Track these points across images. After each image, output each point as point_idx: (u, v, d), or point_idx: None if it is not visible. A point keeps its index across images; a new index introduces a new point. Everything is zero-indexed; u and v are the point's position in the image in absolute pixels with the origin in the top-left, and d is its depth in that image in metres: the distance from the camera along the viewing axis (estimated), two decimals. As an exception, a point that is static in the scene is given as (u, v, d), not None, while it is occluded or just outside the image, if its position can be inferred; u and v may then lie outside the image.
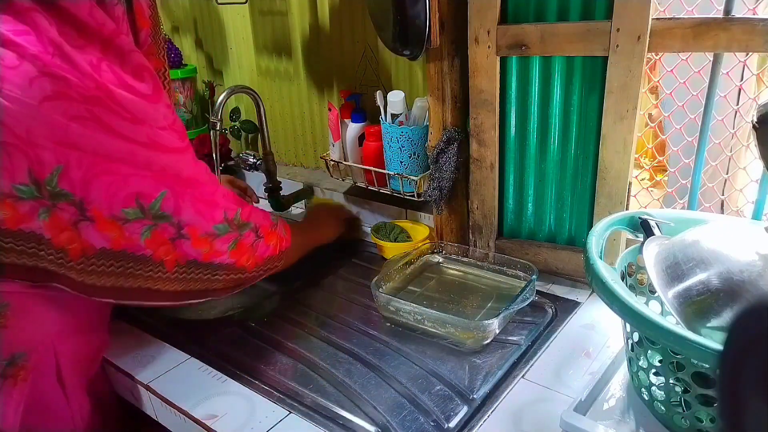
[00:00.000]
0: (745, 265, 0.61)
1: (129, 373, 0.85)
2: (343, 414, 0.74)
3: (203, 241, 0.77)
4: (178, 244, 0.74)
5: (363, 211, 1.32)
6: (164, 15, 1.60)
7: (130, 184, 0.69)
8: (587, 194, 0.96)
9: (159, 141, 0.70)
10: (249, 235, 0.82)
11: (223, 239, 0.78)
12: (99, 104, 0.65)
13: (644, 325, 0.58)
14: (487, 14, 0.91)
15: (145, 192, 0.70)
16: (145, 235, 0.71)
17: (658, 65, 0.99)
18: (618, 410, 0.72)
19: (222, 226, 0.78)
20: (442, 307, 0.96)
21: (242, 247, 0.81)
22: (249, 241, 0.82)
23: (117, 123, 0.67)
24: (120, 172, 0.68)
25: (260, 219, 0.85)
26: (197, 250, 0.76)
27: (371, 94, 1.20)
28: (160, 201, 0.71)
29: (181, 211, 0.73)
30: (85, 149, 0.65)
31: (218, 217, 0.77)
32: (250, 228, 0.82)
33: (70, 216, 0.67)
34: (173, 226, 0.73)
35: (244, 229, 0.81)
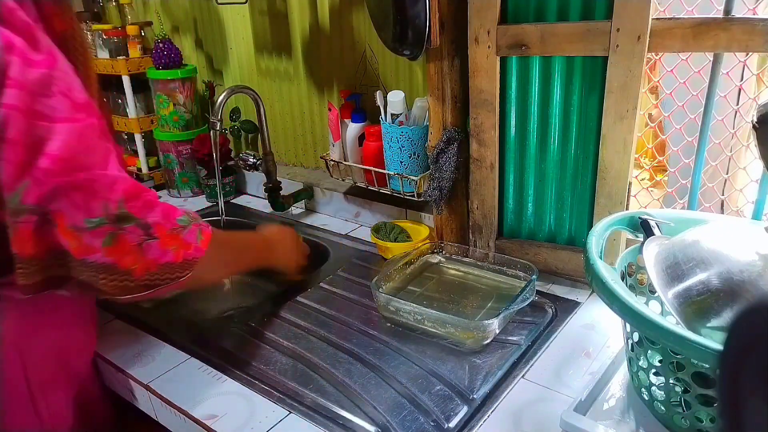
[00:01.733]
0: (745, 265, 0.61)
1: (129, 373, 0.85)
2: (343, 414, 0.74)
3: (72, 234, 0.65)
4: (45, 230, 0.65)
5: (363, 211, 1.32)
6: (164, 15, 1.60)
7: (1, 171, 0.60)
8: (587, 194, 0.96)
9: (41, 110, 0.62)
10: (134, 231, 0.68)
11: (95, 233, 0.66)
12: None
13: (644, 325, 0.58)
14: (487, 14, 0.91)
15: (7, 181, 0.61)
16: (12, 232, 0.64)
17: (658, 65, 0.99)
18: (618, 410, 0.72)
19: (97, 220, 0.66)
20: (442, 307, 0.96)
21: (123, 244, 0.68)
22: (133, 239, 0.68)
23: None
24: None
25: (158, 217, 0.70)
26: (67, 242, 0.66)
27: (371, 94, 1.20)
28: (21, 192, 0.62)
29: (47, 201, 0.63)
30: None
31: (97, 209, 0.66)
32: (137, 224, 0.68)
33: None
34: (36, 215, 0.64)
35: (127, 223, 0.68)
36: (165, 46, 1.44)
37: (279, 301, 1.02)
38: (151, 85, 1.49)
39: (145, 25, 1.55)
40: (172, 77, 1.45)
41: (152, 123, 1.58)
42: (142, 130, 1.57)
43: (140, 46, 1.51)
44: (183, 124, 1.50)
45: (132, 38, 1.50)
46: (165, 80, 1.45)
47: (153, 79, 1.47)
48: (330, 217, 1.38)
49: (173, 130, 1.51)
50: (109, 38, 1.51)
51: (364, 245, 1.22)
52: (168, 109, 1.48)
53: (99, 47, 1.53)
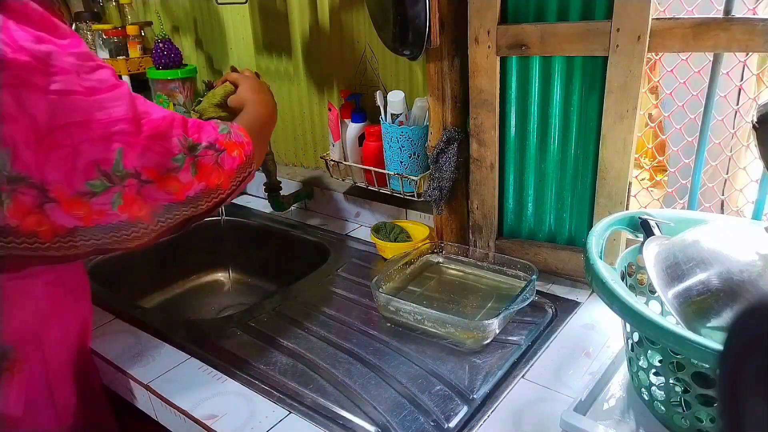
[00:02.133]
0: (745, 265, 0.61)
1: (129, 373, 0.85)
2: (343, 414, 0.74)
3: (168, 180, 0.71)
4: (145, 193, 0.69)
5: (363, 211, 1.32)
6: (164, 15, 1.60)
7: (84, 154, 0.64)
8: (587, 194, 0.96)
9: (93, 85, 0.65)
10: (207, 154, 0.75)
11: (184, 169, 0.72)
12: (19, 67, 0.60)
13: (644, 325, 0.58)
14: (487, 14, 0.91)
15: (102, 157, 0.65)
16: (117, 203, 0.67)
17: (658, 65, 0.99)
18: (618, 410, 0.72)
19: (180, 156, 0.72)
20: (442, 307, 0.96)
21: (205, 168, 0.75)
22: (210, 160, 0.75)
23: (45, 81, 0.61)
24: (65, 143, 0.63)
25: (212, 133, 0.77)
26: (167, 190, 0.71)
27: (371, 94, 1.20)
28: (120, 160, 0.66)
29: (140, 160, 0.68)
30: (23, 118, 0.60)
31: (174, 148, 0.71)
32: (204, 147, 0.75)
33: (33, 199, 0.63)
34: (136, 178, 0.68)
35: (197, 149, 0.74)
36: (165, 46, 1.44)
37: (279, 301, 1.02)
38: (151, 85, 1.49)
39: (145, 25, 1.55)
40: (172, 77, 1.45)
41: (152, 123, 1.57)
42: (142, 130, 1.57)
43: (140, 46, 1.51)
44: (183, 124, 1.50)
45: (132, 38, 1.49)
46: (165, 80, 1.45)
47: (153, 79, 1.47)
48: (330, 217, 1.38)
49: (173, 130, 1.50)
50: (109, 38, 1.51)
51: (364, 245, 1.22)
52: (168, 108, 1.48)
53: (99, 47, 1.53)
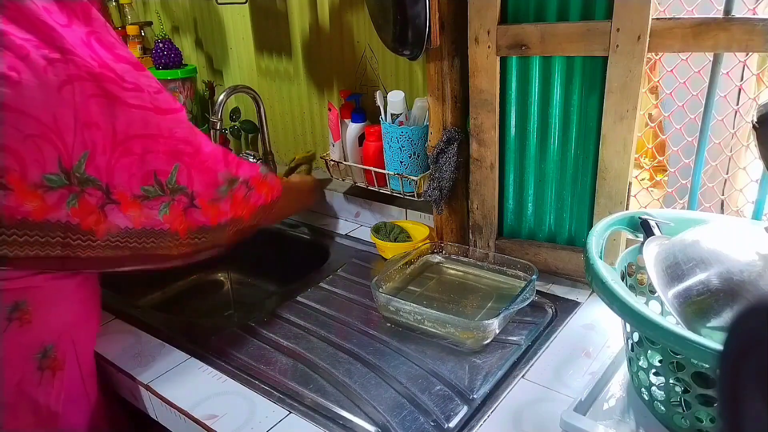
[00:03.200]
0: (745, 265, 0.61)
1: (129, 373, 0.85)
2: (343, 414, 0.74)
3: (211, 207, 0.81)
4: (189, 213, 0.78)
5: (363, 211, 1.32)
6: (164, 15, 1.60)
7: (147, 163, 0.71)
8: (587, 194, 0.96)
9: (159, 105, 0.72)
10: (241, 188, 0.85)
11: (226, 199, 0.83)
12: (105, 80, 0.67)
13: (644, 325, 0.58)
14: (487, 14, 0.91)
15: (161, 168, 0.73)
16: (164, 212, 0.75)
17: (658, 65, 0.99)
18: (618, 410, 0.72)
19: (224, 188, 0.82)
20: (442, 307, 0.96)
21: (236, 200, 0.85)
22: (241, 194, 0.86)
23: (124, 94, 0.68)
24: (137, 151, 0.70)
25: (249, 171, 0.87)
26: (207, 215, 0.80)
27: (371, 94, 1.20)
28: (175, 175, 0.74)
29: (193, 182, 0.77)
30: (106, 126, 0.67)
31: (219, 181, 0.81)
32: (240, 182, 0.85)
33: (97, 201, 0.69)
34: (187, 197, 0.77)
35: (235, 184, 0.84)
36: (165, 46, 1.44)
37: (279, 301, 1.02)
38: (151, 85, 1.49)
39: (145, 25, 1.55)
40: (172, 77, 1.45)
41: (152, 123, 1.57)
42: (142, 130, 1.57)
43: (140, 46, 1.51)
44: (183, 124, 1.50)
45: (132, 38, 1.49)
46: (165, 80, 1.45)
47: (153, 79, 1.47)
48: (330, 217, 1.38)
49: (173, 130, 1.51)
50: (109, 38, 1.51)
51: (364, 245, 1.22)
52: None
53: (99, 47, 1.53)
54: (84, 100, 0.65)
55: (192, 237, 0.81)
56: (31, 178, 0.64)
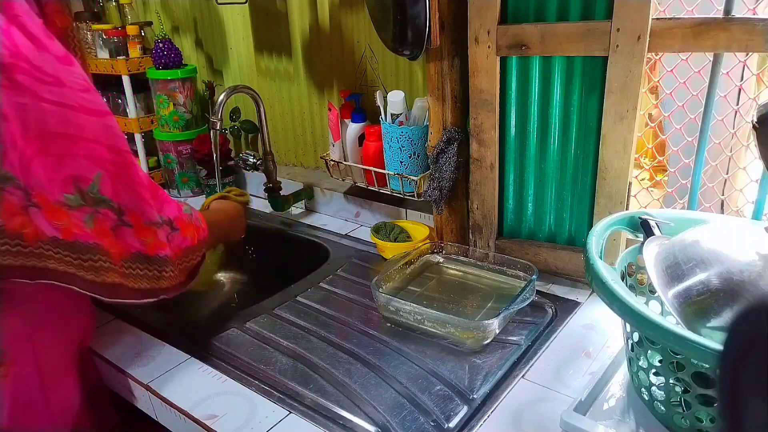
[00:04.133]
0: (745, 265, 0.61)
1: (129, 373, 0.85)
2: (343, 414, 0.74)
3: (147, 231, 0.73)
4: (120, 233, 0.70)
5: (363, 211, 1.32)
6: (164, 15, 1.60)
7: (65, 166, 0.65)
8: (587, 194, 0.96)
9: (84, 104, 0.66)
10: (164, 228, 0.77)
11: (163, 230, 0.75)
12: (15, 70, 0.61)
13: (644, 325, 0.58)
14: (487, 14, 0.91)
15: (81, 174, 0.66)
16: (89, 224, 0.68)
17: (658, 65, 0.99)
18: (618, 410, 0.72)
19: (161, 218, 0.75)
20: (442, 307, 0.96)
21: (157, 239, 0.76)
22: (164, 234, 0.77)
23: (39, 87, 0.63)
24: (53, 151, 0.64)
25: (174, 211, 0.80)
26: (141, 240, 0.72)
27: (371, 94, 1.20)
28: (97, 185, 0.67)
29: (120, 196, 0.69)
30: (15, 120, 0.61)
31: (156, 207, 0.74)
32: (164, 222, 0.77)
33: (19, 201, 0.63)
34: (113, 212, 0.69)
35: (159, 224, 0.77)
36: (165, 46, 1.44)
37: (279, 301, 1.02)
38: (151, 85, 1.49)
39: (145, 25, 1.55)
40: (172, 77, 1.45)
41: (152, 123, 1.58)
42: (142, 130, 1.57)
43: (140, 46, 1.51)
44: (183, 124, 1.50)
45: (132, 38, 1.49)
46: (165, 80, 1.45)
47: (153, 79, 1.47)
48: (330, 217, 1.38)
49: (173, 130, 1.51)
50: (109, 38, 1.51)
51: (364, 245, 1.22)
52: (168, 109, 1.48)
53: (99, 47, 1.53)
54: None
55: (127, 265, 0.72)
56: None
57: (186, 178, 1.56)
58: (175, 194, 1.58)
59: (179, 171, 1.55)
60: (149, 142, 1.62)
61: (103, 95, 1.67)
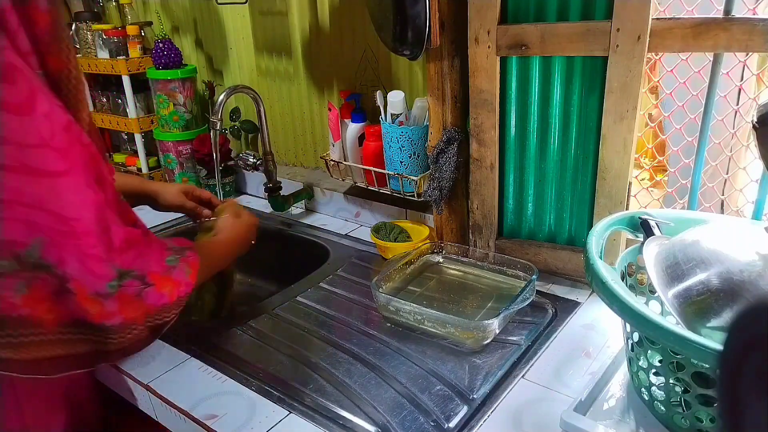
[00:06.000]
0: (745, 265, 0.61)
1: (128, 372, 0.85)
2: (343, 414, 0.74)
3: (93, 302, 0.64)
4: (62, 299, 0.62)
5: (363, 211, 1.32)
6: (164, 15, 1.60)
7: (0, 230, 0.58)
8: (587, 194, 0.96)
9: (29, 164, 0.59)
10: (132, 284, 0.67)
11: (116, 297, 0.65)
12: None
13: (644, 325, 0.58)
14: (487, 14, 0.91)
15: (18, 239, 0.59)
16: (21, 291, 0.61)
17: (658, 65, 0.99)
18: (618, 410, 0.72)
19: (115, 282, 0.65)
20: (442, 307, 0.96)
21: (125, 299, 0.66)
22: (132, 290, 0.67)
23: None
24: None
25: (149, 264, 0.70)
26: (85, 309, 0.64)
27: (371, 94, 1.20)
28: (37, 250, 0.60)
29: (65, 264, 0.62)
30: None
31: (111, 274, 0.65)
32: (133, 276, 0.67)
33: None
34: (55, 278, 0.62)
35: (125, 279, 0.66)
36: (165, 46, 1.44)
37: (279, 301, 1.02)
38: (151, 85, 1.49)
39: (145, 25, 1.55)
40: (172, 77, 1.45)
41: (152, 123, 1.58)
42: (142, 130, 1.57)
43: (140, 46, 1.51)
44: (183, 124, 1.50)
45: (132, 38, 1.50)
46: (165, 80, 1.45)
47: (153, 79, 1.47)
48: (330, 217, 1.38)
49: (173, 130, 1.51)
50: (109, 38, 1.51)
51: (364, 245, 1.22)
52: (168, 109, 1.48)
53: (99, 47, 1.53)
54: None
55: (65, 331, 0.64)
56: None
57: (186, 178, 1.56)
58: (175, 194, 1.58)
59: (179, 171, 1.55)
60: (149, 142, 1.62)
61: (102, 95, 1.67)
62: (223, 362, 0.86)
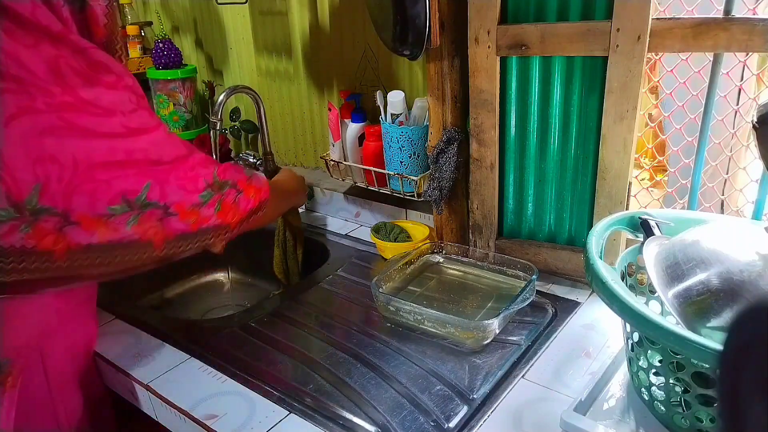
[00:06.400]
0: (745, 265, 0.61)
1: (129, 373, 0.85)
2: (343, 414, 0.74)
3: (190, 213, 0.75)
4: (165, 222, 0.72)
5: (363, 211, 1.32)
6: (164, 15, 1.60)
7: (114, 187, 0.66)
8: (587, 194, 0.96)
9: (133, 126, 0.68)
10: (230, 192, 0.80)
11: (209, 204, 0.77)
12: (68, 109, 0.62)
13: (644, 325, 0.58)
14: (487, 14, 0.91)
15: (130, 188, 0.67)
16: (132, 223, 0.69)
17: (658, 65, 0.99)
18: (618, 410, 0.72)
19: (207, 192, 0.76)
20: (442, 307, 0.96)
21: (226, 206, 0.79)
22: (231, 198, 0.80)
23: (90, 121, 0.64)
24: (101, 178, 0.65)
25: (236, 174, 0.82)
26: (185, 221, 0.74)
27: (371, 94, 1.20)
28: (145, 193, 0.69)
29: (167, 195, 0.71)
30: (64, 160, 0.62)
31: (201, 186, 0.76)
32: (230, 185, 0.80)
33: (54, 225, 0.64)
34: (159, 209, 0.71)
35: (224, 188, 0.79)
36: (165, 46, 1.44)
37: (279, 301, 1.02)
38: (151, 85, 1.49)
39: (145, 25, 1.55)
40: (172, 77, 1.45)
41: (152, 123, 1.57)
42: (142, 130, 1.57)
43: (140, 46, 1.51)
44: (183, 124, 1.50)
45: (132, 38, 1.50)
46: (165, 80, 1.45)
47: (153, 79, 1.47)
48: (330, 217, 1.38)
49: (173, 130, 1.51)
50: (109, 38, 1.51)
51: (364, 245, 1.22)
52: (168, 109, 1.48)
53: (99, 47, 1.53)
54: (36, 136, 0.60)
55: (170, 247, 0.74)
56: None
57: (186, 178, 1.56)
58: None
59: (179, 171, 1.55)
60: (149, 142, 1.61)
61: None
62: (223, 362, 0.86)
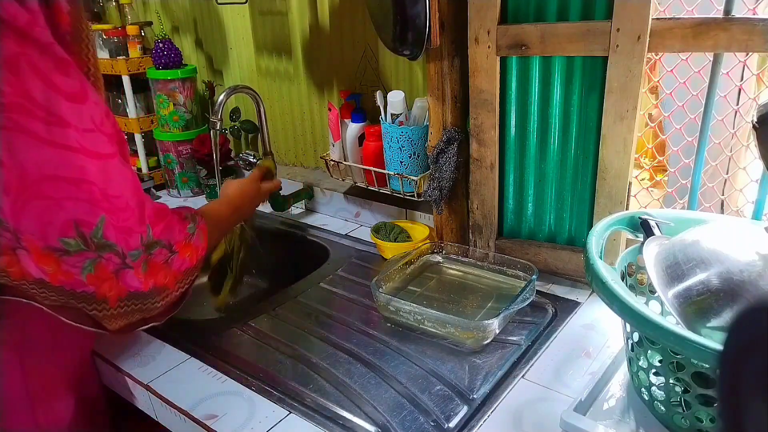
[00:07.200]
0: (745, 265, 0.61)
1: (129, 373, 0.85)
2: (343, 414, 0.74)
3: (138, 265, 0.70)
4: (122, 276, 0.68)
5: (363, 211, 1.32)
6: (164, 15, 1.60)
7: (67, 209, 0.62)
8: (587, 194, 0.96)
9: (86, 145, 0.63)
10: (161, 252, 0.72)
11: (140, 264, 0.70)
12: (20, 111, 0.59)
13: (644, 325, 0.58)
14: (487, 14, 0.91)
15: (83, 219, 0.63)
16: (87, 270, 0.65)
17: (658, 65, 0.99)
18: (618, 410, 0.72)
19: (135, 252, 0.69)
20: (442, 307, 0.96)
21: (155, 266, 0.72)
22: (161, 258, 0.73)
23: (40, 128, 0.60)
24: (50, 194, 0.61)
25: (174, 234, 0.75)
26: (139, 278, 0.70)
27: (371, 94, 1.20)
28: (101, 228, 0.64)
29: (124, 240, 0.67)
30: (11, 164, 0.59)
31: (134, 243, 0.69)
32: (161, 246, 0.73)
33: (8, 242, 0.61)
34: (118, 257, 0.66)
35: (153, 248, 0.72)
36: (165, 46, 1.44)
37: (279, 301, 1.02)
38: (151, 85, 1.49)
39: (145, 25, 1.55)
40: (172, 77, 1.45)
41: (152, 123, 1.58)
42: (142, 130, 1.57)
43: (140, 46, 1.51)
44: (183, 124, 1.50)
45: (132, 38, 1.50)
46: (165, 80, 1.45)
47: (153, 79, 1.47)
48: (330, 217, 1.38)
49: (173, 130, 1.51)
50: (109, 38, 1.51)
51: (364, 245, 1.22)
52: (168, 109, 1.48)
53: (99, 47, 1.53)
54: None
55: (123, 305, 0.70)
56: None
57: (186, 178, 1.56)
58: (175, 194, 1.58)
59: (179, 171, 1.55)
60: (149, 142, 1.62)
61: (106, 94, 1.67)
62: (223, 362, 0.86)
